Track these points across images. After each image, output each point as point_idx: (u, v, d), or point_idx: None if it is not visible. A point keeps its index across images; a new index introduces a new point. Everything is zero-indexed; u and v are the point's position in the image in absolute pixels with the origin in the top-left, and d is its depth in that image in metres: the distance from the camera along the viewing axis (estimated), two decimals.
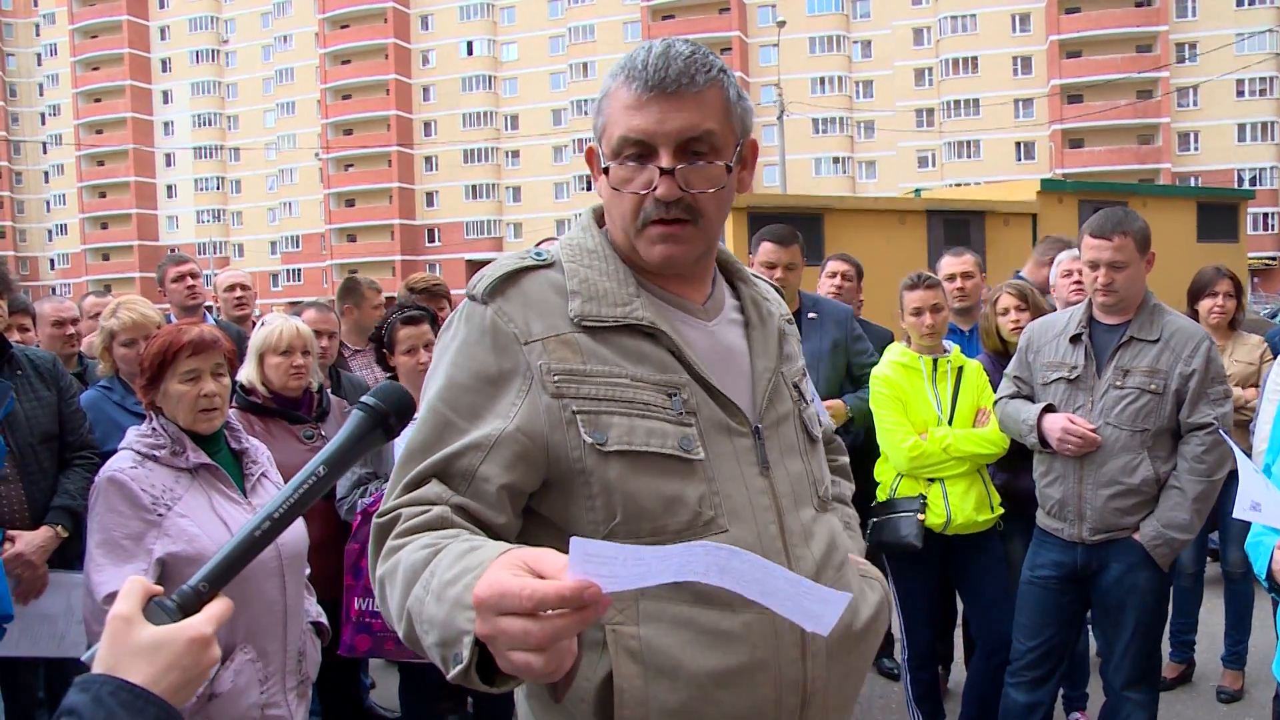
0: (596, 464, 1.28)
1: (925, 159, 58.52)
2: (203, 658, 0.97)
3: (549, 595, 0.91)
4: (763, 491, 1.35)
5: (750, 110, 1.41)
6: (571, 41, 63.70)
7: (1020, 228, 11.43)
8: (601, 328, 1.33)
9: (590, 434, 1.28)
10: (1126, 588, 3.19)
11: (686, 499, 1.29)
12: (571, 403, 1.28)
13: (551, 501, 1.32)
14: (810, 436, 1.49)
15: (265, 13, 70.35)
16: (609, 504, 1.28)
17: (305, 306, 4.46)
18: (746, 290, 1.51)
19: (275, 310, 4.01)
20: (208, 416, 2.47)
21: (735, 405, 1.36)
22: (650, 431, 1.29)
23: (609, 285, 1.36)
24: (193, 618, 0.99)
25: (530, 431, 1.28)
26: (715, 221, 1.37)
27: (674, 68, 1.30)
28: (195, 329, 2.49)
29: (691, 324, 1.40)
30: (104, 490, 2.35)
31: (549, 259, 1.39)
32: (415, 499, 1.27)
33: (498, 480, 1.26)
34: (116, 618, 0.97)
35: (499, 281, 1.36)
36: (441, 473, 1.28)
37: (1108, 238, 3.20)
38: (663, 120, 1.30)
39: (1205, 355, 3.14)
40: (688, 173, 1.31)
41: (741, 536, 1.30)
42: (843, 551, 1.47)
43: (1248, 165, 52.48)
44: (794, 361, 1.53)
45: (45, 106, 76.32)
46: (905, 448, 3.68)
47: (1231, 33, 50.01)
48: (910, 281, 3.82)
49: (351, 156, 67.48)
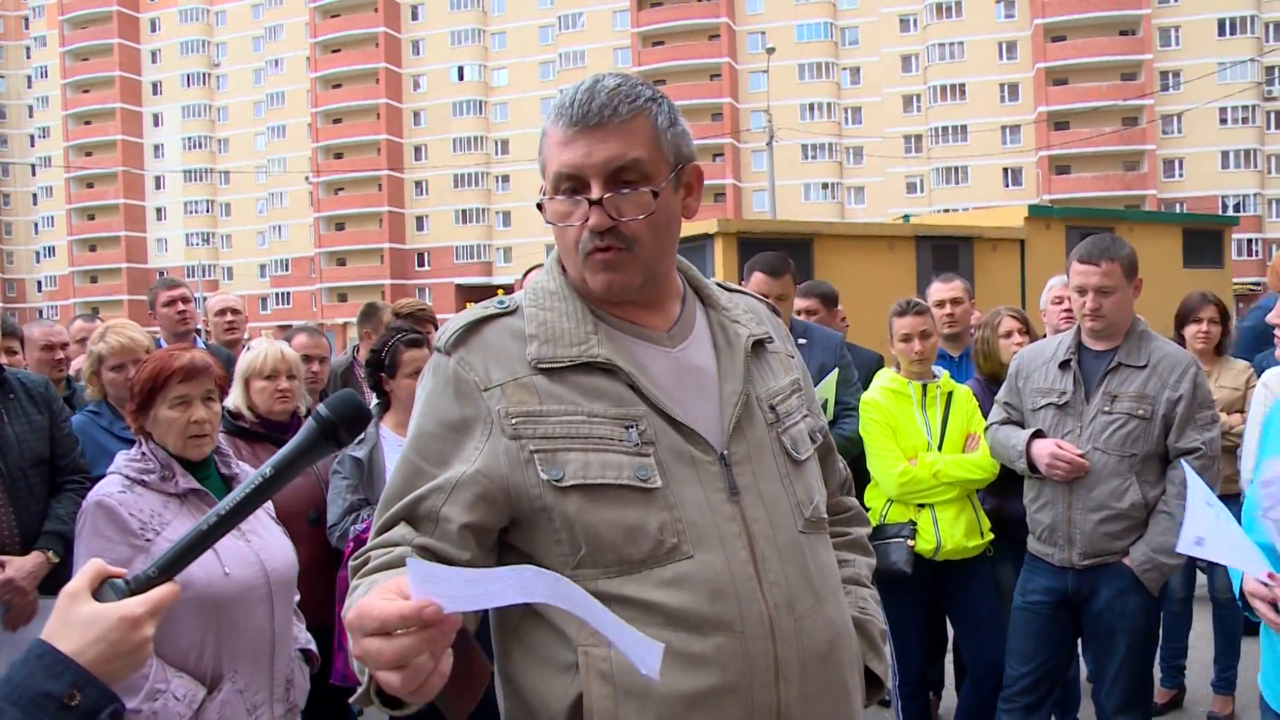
0: (555, 500, 1.32)
1: (914, 184, 58.90)
2: (131, 635, 1.04)
3: (389, 615, 1.00)
4: (731, 518, 1.35)
5: (685, 134, 1.44)
6: (562, 67, 64.03)
7: (1008, 253, 11.51)
8: (558, 368, 1.37)
9: (547, 471, 1.32)
10: (1117, 612, 3.20)
11: (647, 528, 1.31)
12: (529, 443, 1.33)
13: (522, 537, 1.37)
14: (792, 459, 1.47)
15: (257, 36, 70.60)
16: (572, 537, 1.31)
17: (296, 331, 4.45)
18: (714, 315, 1.52)
19: (264, 334, 4.00)
20: (197, 443, 2.46)
21: (696, 433, 1.38)
22: (605, 464, 1.32)
23: (566, 325, 1.40)
24: (130, 599, 1.07)
25: (490, 473, 1.33)
26: (652, 247, 1.40)
27: (597, 101, 1.35)
28: (186, 355, 2.49)
29: (654, 353, 1.42)
30: (91, 514, 2.33)
31: (511, 306, 1.45)
32: (383, 541, 1.34)
33: (459, 520, 1.32)
34: (65, 593, 1.07)
35: (461, 332, 1.42)
36: (409, 515, 1.35)
37: (1095, 263, 3.23)
38: (589, 153, 1.35)
39: (1192, 380, 3.16)
40: (616, 201, 1.36)
41: (709, 562, 1.32)
42: (831, 578, 1.45)
43: (1231, 191, 53.00)
44: (771, 381, 1.51)
45: (35, 129, 76.23)
46: (895, 473, 3.68)
47: (1214, 61, 50.69)
48: (899, 308, 3.84)
49: (342, 180, 67.53)
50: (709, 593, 1.30)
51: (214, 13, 72.91)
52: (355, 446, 3.42)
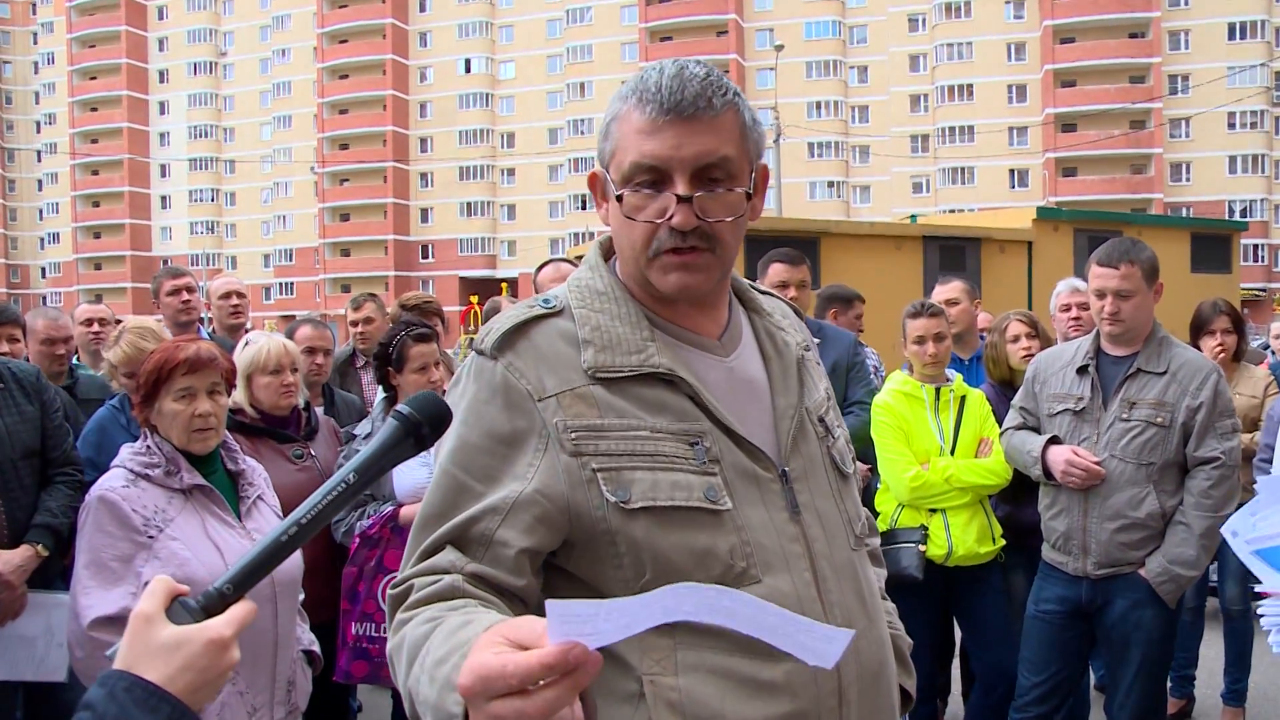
0: (622, 523, 1.23)
1: (919, 184, 58.77)
2: (221, 660, 0.96)
3: (533, 667, 0.87)
4: (794, 538, 1.29)
5: (764, 135, 1.36)
6: (569, 61, 63.96)
7: (1016, 255, 11.45)
8: (617, 378, 1.27)
9: (613, 492, 1.23)
10: (1132, 624, 3.14)
11: (717, 552, 1.24)
12: (591, 460, 1.23)
13: (577, 560, 1.27)
14: (841, 473, 1.42)
15: (264, 26, 70.49)
16: (637, 562, 1.23)
17: (301, 323, 4.39)
18: (760, 322, 1.44)
19: (268, 324, 3.95)
20: (202, 436, 2.40)
21: (760, 450, 1.30)
22: (675, 485, 1.24)
23: (622, 330, 1.30)
24: (213, 619, 0.98)
25: (550, 493, 1.23)
26: (732, 249, 1.32)
27: (690, 90, 1.24)
28: (192, 346, 2.42)
29: (709, 362, 1.34)
30: (94, 509, 2.27)
31: (557, 305, 1.34)
32: (429, 568, 1.23)
33: (517, 544, 1.22)
34: (139, 616, 0.98)
35: (508, 334, 1.30)
36: (457, 539, 1.24)
37: (1114, 266, 3.18)
38: (679, 145, 1.24)
39: (1213, 388, 3.11)
40: (705, 200, 1.26)
41: (777, 586, 1.25)
42: (877, 597, 1.42)
43: (1238, 197, 52.85)
44: (815, 392, 1.45)
45: (41, 115, 76.19)
46: (907, 478, 3.63)
47: (1223, 66, 50.50)
48: (913, 309, 3.78)
49: (347, 171, 67.49)
50: None
51: (222, 1, 72.83)
52: (361, 441, 3.38)
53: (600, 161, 1.34)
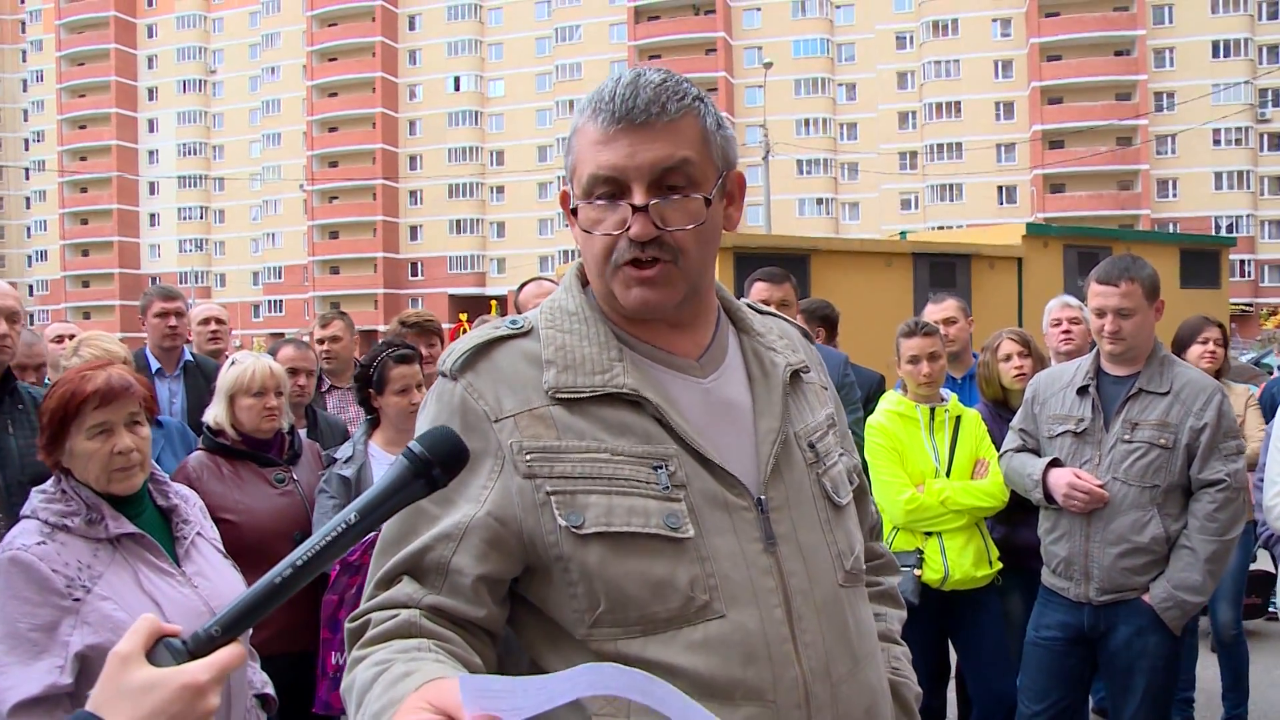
0: (574, 549, 1.17)
1: (908, 201, 59.00)
2: (195, 706, 0.91)
3: None
4: (767, 571, 1.21)
5: (732, 140, 1.29)
6: (558, 79, 64.09)
7: (1006, 271, 11.43)
8: (579, 399, 1.22)
9: (565, 516, 1.17)
10: (1136, 651, 3.06)
11: (676, 582, 1.17)
12: (545, 483, 1.18)
13: (535, 588, 1.22)
14: (833, 503, 1.33)
15: (254, 44, 70.52)
16: (591, 591, 1.17)
17: (283, 344, 4.30)
18: (749, 343, 1.37)
19: (256, 343, 3.85)
20: (125, 475, 2.10)
21: (733, 476, 1.23)
22: (631, 510, 1.17)
23: (588, 350, 1.25)
24: (192, 663, 0.93)
25: (503, 516, 1.19)
26: (698, 260, 1.25)
27: (643, 96, 1.20)
28: (101, 374, 2.11)
29: (684, 383, 1.27)
30: (4, 572, 1.93)
31: (525, 327, 1.29)
32: (386, 601, 1.19)
33: (472, 572, 1.17)
34: (116, 655, 0.93)
35: (469, 355, 1.26)
36: (413, 568, 1.19)
37: (1114, 284, 3.12)
38: (633, 153, 1.20)
39: (1217, 409, 3.04)
40: (663, 208, 1.21)
41: (742, 622, 1.18)
42: (870, 638, 1.31)
43: (1225, 212, 53.22)
44: (809, 415, 1.36)
45: (29, 132, 75.97)
46: (901, 500, 3.55)
47: (1208, 83, 50.93)
48: (907, 329, 3.71)
49: (336, 189, 67.39)
50: (741, 656, 1.16)
51: (211, 19, 72.86)
52: (343, 465, 3.29)
53: (566, 177, 1.30)
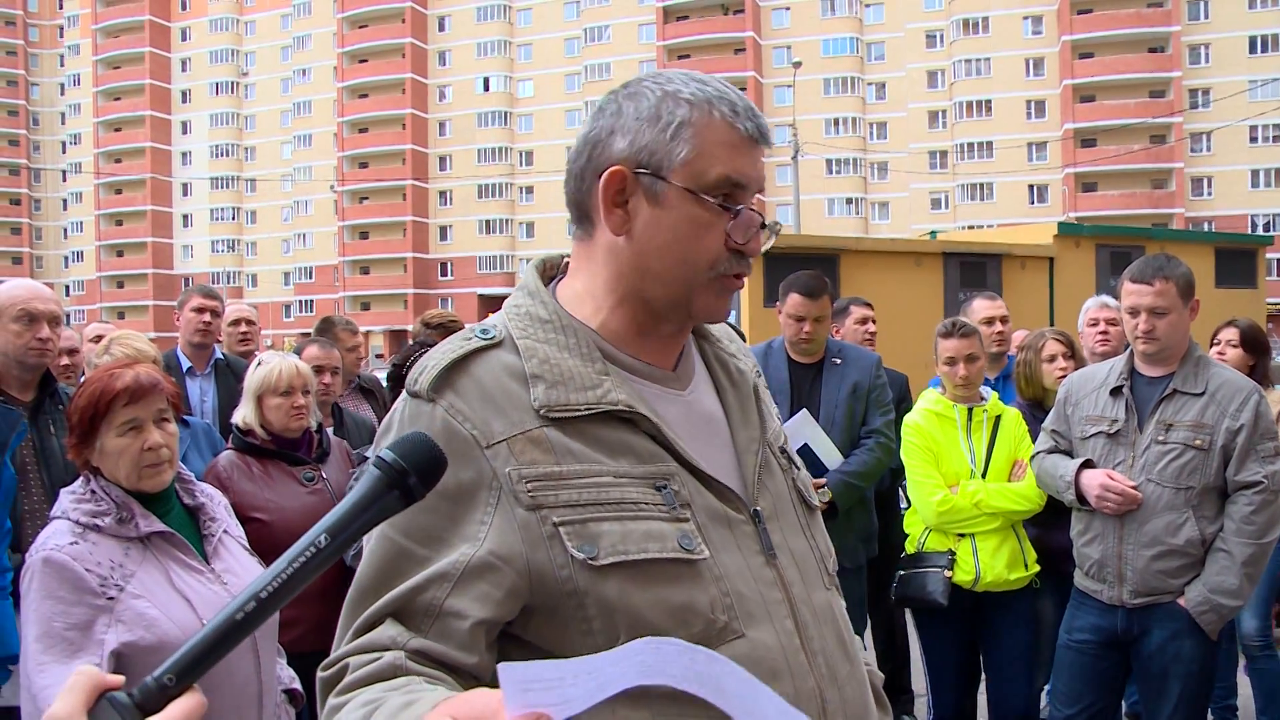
0: (590, 582, 1.08)
1: (938, 200, 58.54)
2: None
3: None
4: (772, 583, 1.18)
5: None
6: (587, 80, 64.16)
7: (1037, 271, 11.30)
8: (571, 418, 1.13)
9: (579, 548, 1.08)
10: (1170, 656, 3.02)
11: (697, 606, 1.11)
12: (552, 513, 1.09)
13: (537, 627, 1.12)
14: (809, 506, 1.32)
15: (285, 46, 71.21)
16: (610, 626, 1.08)
17: (308, 342, 4.33)
18: (710, 349, 1.33)
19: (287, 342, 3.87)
20: (155, 472, 2.11)
21: (729, 490, 1.19)
22: (647, 534, 1.10)
23: (572, 363, 1.16)
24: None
25: (506, 554, 1.08)
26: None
27: (763, 119, 1.22)
28: (130, 372, 2.14)
29: (667, 397, 1.22)
30: (39, 573, 1.95)
31: (497, 336, 1.18)
32: (366, 644, 1.07)
33: (472, 615, 1.07)
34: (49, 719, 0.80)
35: (446, 371, 1.13)
36: (399, 611, 1.08)
37: (1148, 282, 3.08)
38: (760, 169, 1.22)
39: (1254, 409, 2.99)
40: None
41: (761, 639, 1.13)
42: (853, 636, 1.30)
43: (1261, 211, 52.37)
44: (771, 421, 1.34)
45: (66, 135, 77.25)
46: (934, 501, 3.52)
47: (1244, 79, 50.14)
48: (945, 329, 3.66)
49: (366, 189, 67.92)
50: (766, 675, 1.11)
51: (244, 22, 73.64)
52: None
53: (647, 162, 1.17)
